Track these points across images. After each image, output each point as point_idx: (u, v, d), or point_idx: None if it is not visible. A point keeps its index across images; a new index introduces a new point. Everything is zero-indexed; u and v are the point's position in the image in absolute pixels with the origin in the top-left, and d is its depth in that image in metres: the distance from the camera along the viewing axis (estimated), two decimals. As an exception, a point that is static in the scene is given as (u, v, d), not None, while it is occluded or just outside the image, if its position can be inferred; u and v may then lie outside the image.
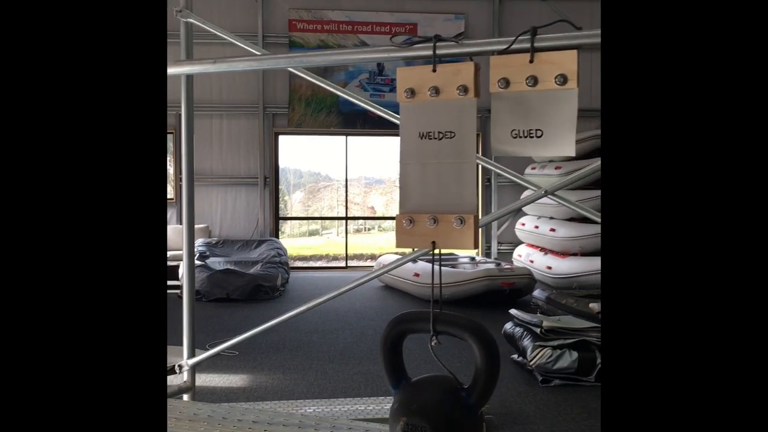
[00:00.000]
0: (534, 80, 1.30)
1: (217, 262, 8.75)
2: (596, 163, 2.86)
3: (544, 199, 2.23)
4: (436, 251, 1.32)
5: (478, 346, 1.18)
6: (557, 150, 1.29)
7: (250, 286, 7.71)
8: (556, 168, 8.53)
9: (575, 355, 4.32)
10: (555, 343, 4.37)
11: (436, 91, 1.33)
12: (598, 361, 4.31)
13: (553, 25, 1.45)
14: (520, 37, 1.38)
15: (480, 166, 8.69)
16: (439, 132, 1.33)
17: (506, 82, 1.32)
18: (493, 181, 10.62)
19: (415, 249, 2.83)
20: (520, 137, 1.33)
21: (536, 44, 1.33)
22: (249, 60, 2.10)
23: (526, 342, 4.52)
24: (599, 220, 2.66)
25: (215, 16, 9.77)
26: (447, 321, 1.22)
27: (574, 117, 1.27)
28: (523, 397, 4.12)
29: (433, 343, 1.22)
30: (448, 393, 1.21)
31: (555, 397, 4.12)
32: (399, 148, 1.36)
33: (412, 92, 1.35)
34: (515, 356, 4.78)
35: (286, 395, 4.12)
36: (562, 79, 1.27)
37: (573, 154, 1.27)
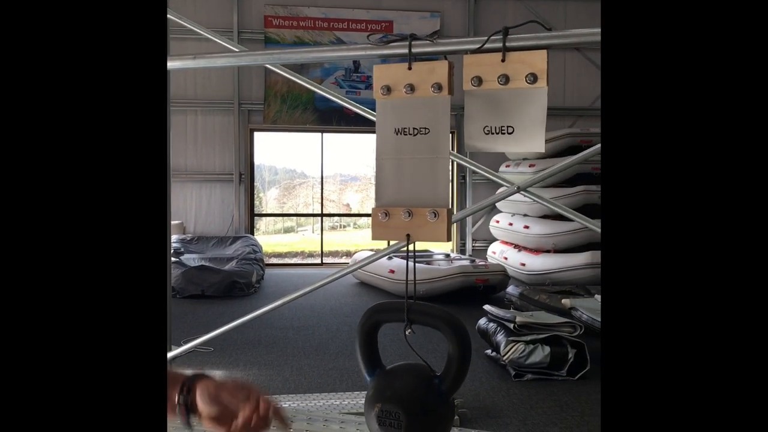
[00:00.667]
0: (506, 79, 1.34)
1: (191, 259, 8.69)
2: (568, 160, 2.92)
3: (518, 196, 2.28)
4: (411, 245, 1.36)
5: (450, 334, 1.21)
6: (527, 146, 1.33)
7: (225, 282, 7.68)
8: (530, 166, 8.63)
9: (547, 349, 4.39)
10: (528, 338, 4.44)
11: (412, 88, 1.37)
12: (570, 355, 4.39)
13: (525, 26, 1.50)
14: (492, 37, 1.42)
15: (455, 163, 8.75)
16: (414, 128, 1.36)
17: (479, 80, 1.36)
18: (468, 178, 10.69)
19: (391, 243, 2.86)
20: (493, 133, 1.37)
21: (508, 44, 1.37)
22: (228, 56, 2.12)
23: (500, 337, 4.59)
24: (572, 217, 2.71)
25: (189, 10, 9.69)
26: (421, 311, 1.26)
27: (544, 114, 1.32)
28: (497, 391, 4.18)
29: (407, 332, 1.26)
30: (421, 380, 1.25)
31: (528, 391, 4.18)
32: (375, 143, 1.40)
33: (388, 89, 1.39)
34: (489, 351, 4.84)
35: (262, 391, 4.13)
36: (533, 78, 1.31)
37: (542, 150, 1.32)
